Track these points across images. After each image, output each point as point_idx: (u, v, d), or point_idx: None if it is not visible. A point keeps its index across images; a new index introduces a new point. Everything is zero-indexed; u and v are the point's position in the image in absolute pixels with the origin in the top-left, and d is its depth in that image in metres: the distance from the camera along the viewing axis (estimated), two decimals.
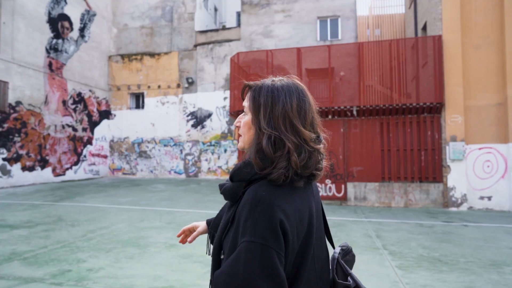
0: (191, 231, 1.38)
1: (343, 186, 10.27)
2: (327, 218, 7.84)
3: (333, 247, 1.11)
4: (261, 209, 0.80)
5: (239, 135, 1.01)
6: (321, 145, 0.97)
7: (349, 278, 1.02)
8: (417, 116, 9.99)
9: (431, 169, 9.75)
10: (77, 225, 6.78)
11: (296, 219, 0.86)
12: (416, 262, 4.64)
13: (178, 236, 1.38)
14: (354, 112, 10.23)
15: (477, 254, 5.05)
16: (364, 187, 10.13)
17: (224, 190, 0.96)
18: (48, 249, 5.13)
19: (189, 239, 1.34)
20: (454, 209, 9.25)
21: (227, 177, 13.43)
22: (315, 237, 0.96)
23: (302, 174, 0.90)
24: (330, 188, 10.38)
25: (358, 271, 4.26)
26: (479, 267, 4.44)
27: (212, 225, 1.05)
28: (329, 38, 17.00)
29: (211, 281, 0.99)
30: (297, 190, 0.91)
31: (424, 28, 13.27)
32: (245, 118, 0.98)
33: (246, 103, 0.97)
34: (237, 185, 0.92)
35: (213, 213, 7.79)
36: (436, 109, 9.75)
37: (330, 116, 10.56)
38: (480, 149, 9.47)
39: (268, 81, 0.97)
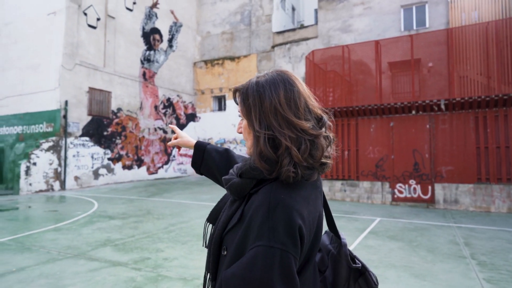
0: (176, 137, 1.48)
1: (429, 187, 9.36)
2: (409, 220, 7.27)
3: (339, 237, 1.05)
4: (280, 214, 0.78)
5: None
6: (323, 129, 0.90)
7: (356, 260, 1.04)
8: None
9: None
10: (162, 218, 7.46)
11: (310, 222, 0.84)
12: None
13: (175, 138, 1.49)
14: (442, 106, 9.24)
15: None
16: (455, 189, 9.08)
17: (231, 185, 0.93)
18: (135, 238, 5.75)
19: (168, 143, 1.50)
20: None
21: None
22: (320, 236, 0.94)
23: (312, 165, 0.86)
24: (414, 189, 9.55)
25: (435, 279, 3.85)
26: None
27: (209, 215, 1.05)
28: (414, 27, 15.63)
29: (206, 277, 0.99)
30: (309, 189, 0.88)
31: None
32: (243, 123, 0.97)
33: (239, 108, 0.96)
34: (246, 182, 0.90)
35: None
36: None
37: (414, 112, 9.71)
38: None
39: (253, 79, 0.93)
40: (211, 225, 1.04)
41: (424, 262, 4.53)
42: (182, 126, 19.71)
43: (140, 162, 16.61)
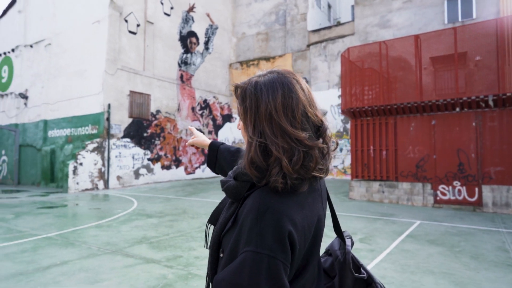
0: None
1: (476, 189, 8.75)
2: (452, 224, 6.85)
3: (344, 242, 1.01)
4: (269, 219, 0.76)
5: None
6: (320, 140, 0.85)
7: (361, 269, 1.00)
8: None
9: None
10: (196, 218, 7.62)
11: (304, 227, 0.81)
12: None
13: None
14: (490, 102, 8.61)
15: None
16: (506, 191, 8.42)
17: (226, 188, 0.92)
18: (169, 236, 5.91)
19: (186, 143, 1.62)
20: None
21: (343, 177, 12.91)
22: (320, 240, 0.90)
23: (304, 176, 0.82)
24: (459, 191, 8.98)
25: None
26: None
27: (210, 216, 1.05)
28: (460, 19, 14.72)
29: (208, 274, 0.98)
30: (305, 193, 0.85)
31: None
32: (241, 123, 0.95)
33: (237, 107, 0.94)
34: (241, 185, 0.89)
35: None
36: None
37: (458, 109, 9.14)
38: None
39: (254, 78, 0.90)
40: (212, 226, 1.03)
41: (467, 269, 4.23)
42: (218, 127, 20.05)
43: (178, 163, 17.11)
